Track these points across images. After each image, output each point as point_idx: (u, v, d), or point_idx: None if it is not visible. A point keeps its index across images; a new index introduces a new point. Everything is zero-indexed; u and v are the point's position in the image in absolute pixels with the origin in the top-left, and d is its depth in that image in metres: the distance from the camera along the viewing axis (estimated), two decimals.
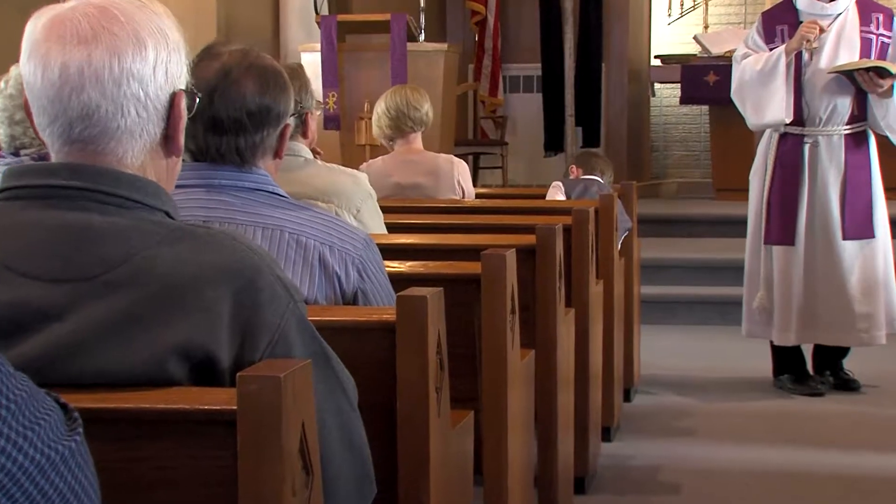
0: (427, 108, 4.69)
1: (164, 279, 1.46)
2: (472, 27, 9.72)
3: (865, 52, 5.09)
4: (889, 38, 5.14)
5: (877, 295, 5.16)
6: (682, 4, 9.96)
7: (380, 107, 4.72)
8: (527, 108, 9.84)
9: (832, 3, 5.10)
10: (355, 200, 3.34)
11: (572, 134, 9.26)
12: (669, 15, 10.05)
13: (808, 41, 5.00)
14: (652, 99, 10.13)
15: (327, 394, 1.57)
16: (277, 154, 2.20)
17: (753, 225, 5.30)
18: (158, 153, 1.59)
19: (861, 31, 5.11)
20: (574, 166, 5.46)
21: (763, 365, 5.58)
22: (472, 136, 9.75)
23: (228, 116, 2.11)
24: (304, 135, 3.42)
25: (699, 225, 8.03)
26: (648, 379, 5.57)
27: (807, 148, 5.13)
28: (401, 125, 4.66)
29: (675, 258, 7.28)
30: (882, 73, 4.96)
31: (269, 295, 1.51)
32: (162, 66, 1.55)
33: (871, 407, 5.12)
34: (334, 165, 3.47)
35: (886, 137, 5.19)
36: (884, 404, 5.15)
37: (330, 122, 6.90)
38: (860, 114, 5.14)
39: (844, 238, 5.11)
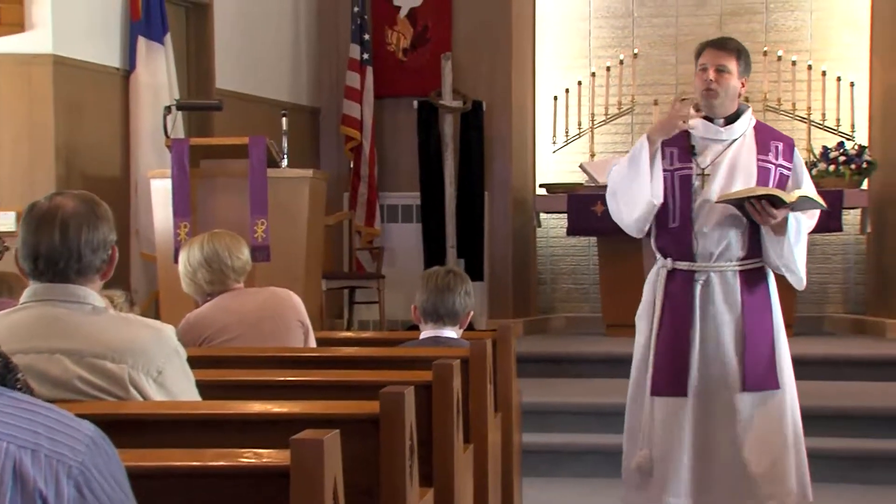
0: (247, 255, 4.24)
1: None
2: (347, 153, 9.20)
3: (763, 182, 4.50)
4: (789, 169, 4.58)
5: (786, 455, 4.48)
6: (567, 131, 9.56)
7: (193, 258, 4.20)
8: (406, 239, 9.31)
9: (728, 127, 4.56)
10: (157, 360, 2.70)
11: (454, 266, 8.76)
12: (554, 142, 9.64)
13: (682, 120, 4.45)
14: (538, 229, 9.67)
15: None
16: None
17: (638, 373, 4.61)
18: None
19: (758, 160, 4.54)
20: (418, 315, 4.20)
21: None
22: (348, 269, 9.15)
23: None
24: (104, 275, 2.81)
25: (588, 364, 7.46)
26: None
27: (698, 286, 4.50)
28: (224, 278, 4.17)
29: (561, 402, 6.70)
30: (775, 202, 4.37)
31: None
32: None
33: None
34: (132, 316, 2.84)
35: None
36: None
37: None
38: (754, 249, 4.53)
39: (744, 389, 4.45)
